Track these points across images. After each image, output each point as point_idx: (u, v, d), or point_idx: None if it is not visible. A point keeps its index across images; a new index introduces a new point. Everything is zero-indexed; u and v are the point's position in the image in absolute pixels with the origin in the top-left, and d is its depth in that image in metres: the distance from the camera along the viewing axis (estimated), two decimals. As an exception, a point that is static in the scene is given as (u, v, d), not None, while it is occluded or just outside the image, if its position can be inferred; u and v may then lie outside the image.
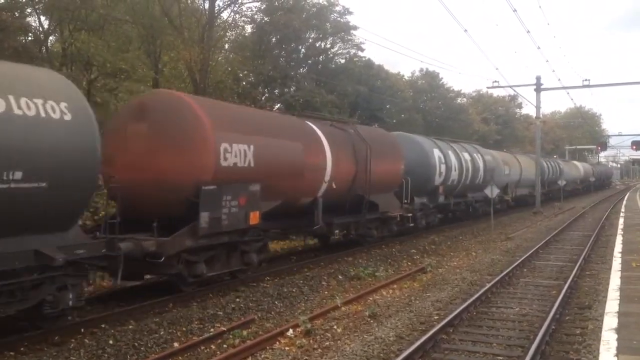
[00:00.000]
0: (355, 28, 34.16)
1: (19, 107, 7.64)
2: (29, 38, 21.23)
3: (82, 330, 8.95)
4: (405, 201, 19.78)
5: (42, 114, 7.93)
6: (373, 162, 16.77)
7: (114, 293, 11.41)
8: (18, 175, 7.52)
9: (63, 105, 8.29)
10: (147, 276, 12.04)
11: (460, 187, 25.40)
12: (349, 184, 16.17)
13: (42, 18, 22.83)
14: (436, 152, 22.57)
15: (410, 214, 20.10)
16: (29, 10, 21.42)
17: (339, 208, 16.34)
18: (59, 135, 8.16)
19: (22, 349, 8.09)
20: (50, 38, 24.14)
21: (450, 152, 24.16)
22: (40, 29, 22.72)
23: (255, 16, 30.54)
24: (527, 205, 38.07)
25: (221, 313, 10.42)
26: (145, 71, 23.72)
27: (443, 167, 22.78)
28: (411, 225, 20.67)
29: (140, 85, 22.23)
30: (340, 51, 36.07)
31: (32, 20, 22.32)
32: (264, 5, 30.31)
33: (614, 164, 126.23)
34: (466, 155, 26.17)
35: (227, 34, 29.84)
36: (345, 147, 16.18)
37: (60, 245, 8.33)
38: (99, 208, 13.76)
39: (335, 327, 9.60)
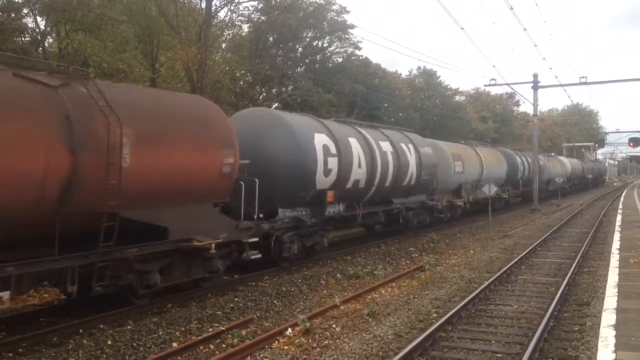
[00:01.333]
0: (352, 27, 34.23)
1: None
2: (26, 39, 21.28)
3: (81, 331, 8.96)
4: (260, 216, 12.88)
5: None
6: (137, 149, 9.33)
7: (113, 293, 11.36)
8: None
9: None
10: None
11: (374, 191, 17.47)
12: (54, 193, 8.26)
13: (39, 19, 22.89)
14: (320, 139, 14.78)
15: (256, 239, 12.51)
16: (25, 11, 21.46)
17: (43, 241, 8.51)
18: None
19: (20, 350, 8.10)
20: (47, 39, 24.18)
21: (352, 140, 16.31)
22: (37, 29, 22.77)
23: (252, 15, 30.63)
24: (493, 211, 28.74)
25: (220, 313, 10.43)
26: (142, 71, 23.72)
27: (334, 161, 15.04)
28: (257, 256, 12.82)
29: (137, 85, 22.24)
30: (337, 50, 36.18)
31: (29, 21, 22.39)
32: (261, 5, 30.34)
33: (611, 161, 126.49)
34: (385, 146, 18.11)
35: (225, 33, 29.83)
36: (33, 119, 8.10)
37: None
38: None
39: (334, 326, 9.60)
